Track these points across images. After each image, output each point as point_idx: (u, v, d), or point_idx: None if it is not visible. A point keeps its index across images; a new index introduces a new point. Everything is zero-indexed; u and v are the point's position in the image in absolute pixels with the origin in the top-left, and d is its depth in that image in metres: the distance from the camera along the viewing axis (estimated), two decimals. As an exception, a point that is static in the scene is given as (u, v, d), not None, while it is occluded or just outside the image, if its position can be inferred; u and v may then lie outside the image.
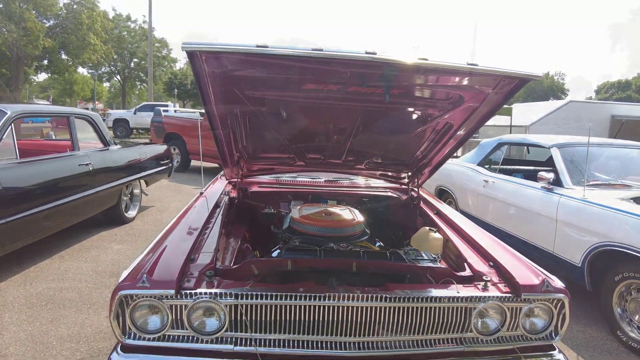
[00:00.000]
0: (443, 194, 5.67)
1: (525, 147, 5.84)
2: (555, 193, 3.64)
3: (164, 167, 6.24)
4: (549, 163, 4.22)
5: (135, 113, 20.27)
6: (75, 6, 24.76)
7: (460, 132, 2.33)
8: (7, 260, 3.70)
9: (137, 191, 5.81)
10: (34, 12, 22.28)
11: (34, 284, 3.51)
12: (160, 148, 6.50)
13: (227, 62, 1.71)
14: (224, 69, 1.76)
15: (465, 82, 1.92)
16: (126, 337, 1.55)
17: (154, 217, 5.95)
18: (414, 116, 2.37)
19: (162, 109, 11.60)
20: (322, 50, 1.50)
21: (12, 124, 3.60)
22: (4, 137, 3.47)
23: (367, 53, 1.48)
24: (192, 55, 1.54)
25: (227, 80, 1.86)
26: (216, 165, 8.90)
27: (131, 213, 5.61)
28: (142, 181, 5.80)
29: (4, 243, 3.32)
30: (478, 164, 5.17)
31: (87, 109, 22.02)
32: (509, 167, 4.82)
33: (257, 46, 1.44)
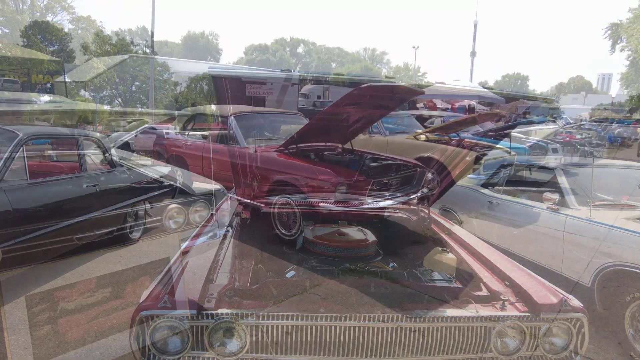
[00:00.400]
0: (446, 215, 5.67)
1: (527, 168, 5.89)
2: (562, 214, 3.66)
3: (167, 189, 6.25)
4: (552, 183, 4.25)
5: (136, 136, 20.32)
6: (80, 31, 25.32)
7: (471, 154, 2.38)
8: (12, 282, 3.66)
9: (141, 212, 5.80)
10: (39, 36, 22.75)
11: (39, 306, 3.47)
12: (164, 170, 6.54)
13: (249, 84, 1.77)
14: (244, 91, 1.81)
15: (478, 104, 1.97)
16: (145, 359, 1.53)
17: (157, 238, 5.91)
18: (426, 137, 2.42)
19: (164, 131, 11.68)
20: (342, 75, 1.56)
21: (24, 146, 3.64)
22: (15, 158, 3.51)
23: (386, 77, 1.54)
24: (216, 78, 1.59)
25: (247, 100, 1.91)
26: (218, 186, 8.90)
27: (135, 234, 5.58)
28: (146, 202, 5.80)
29: (13, 264, 3.30)
30: (482, 185, 5.20)
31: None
32: (513, 188, 4.85)
33: (281, 70, 1.50)
